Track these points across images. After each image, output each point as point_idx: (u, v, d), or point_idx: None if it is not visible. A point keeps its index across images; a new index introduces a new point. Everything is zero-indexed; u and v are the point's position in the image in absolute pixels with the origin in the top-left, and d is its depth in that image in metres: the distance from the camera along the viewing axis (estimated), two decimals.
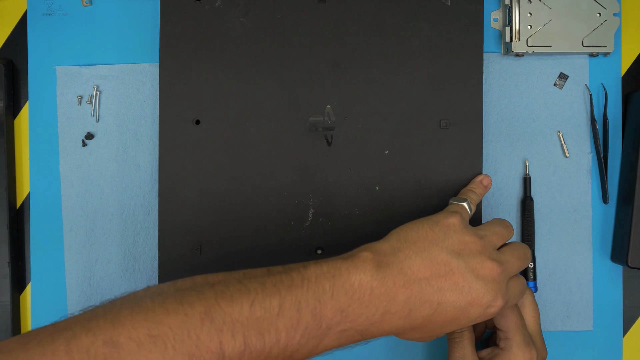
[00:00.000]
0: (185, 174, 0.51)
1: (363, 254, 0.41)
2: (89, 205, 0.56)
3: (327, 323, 0.39)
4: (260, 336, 0.37)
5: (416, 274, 0.40)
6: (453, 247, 0.42)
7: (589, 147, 0.55)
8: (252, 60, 0.52)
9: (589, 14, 0.54)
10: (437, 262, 0.41)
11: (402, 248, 0.42)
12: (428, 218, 0.44)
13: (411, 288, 0.40)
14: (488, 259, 0.42)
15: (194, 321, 0.36)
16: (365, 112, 0.52)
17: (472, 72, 0.52)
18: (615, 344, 0.55)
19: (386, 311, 0.40)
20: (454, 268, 0.41)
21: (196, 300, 0.37)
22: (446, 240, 0.42)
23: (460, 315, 0.41)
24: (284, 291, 0.38)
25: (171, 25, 0.52)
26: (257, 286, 0.38)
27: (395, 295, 0.40)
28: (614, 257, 0.55)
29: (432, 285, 0.41)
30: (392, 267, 0.40)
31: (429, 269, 0.41)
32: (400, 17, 0.52)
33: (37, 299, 0.56)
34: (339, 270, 0.40)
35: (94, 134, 0.56)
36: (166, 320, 0.36)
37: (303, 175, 0.52)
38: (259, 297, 0.38)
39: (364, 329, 0.40)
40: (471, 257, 0.42)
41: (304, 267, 0.40)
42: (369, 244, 0.43)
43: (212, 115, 0.52)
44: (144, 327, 0.35)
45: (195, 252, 0.51)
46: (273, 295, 0.38)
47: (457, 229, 0.43)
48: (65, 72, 0.56)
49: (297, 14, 0.52)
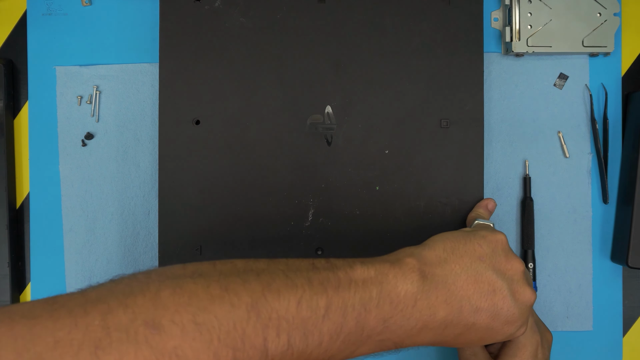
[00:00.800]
0: (185, 174, 0.51)
1: (409, 261, 0.39)
2: (89, 206, 0.56)
3: (369, 332, 0.37)
4: (304, 337, 0.35)
5: (459, 291, 0.39)
6: (500, 267, 0.41)
7: (589, 147, 0.55)
8: (252, 60, 0.52)
9: (589, 14, 0.54)
10: (482, 280, 0.40)
11: (449, 260, 0.40)
12: (472, 232, 0.43)
13: (452, 305, 0.39)
14: (528, 286, 0.42)
15: (241, 313, 0.34)
16: (365, 111, 0.52)
17: (473, 70, 0.52)
18: (615, 344, 0.55)
19: (425, 326, 0.39)
20: (497, 289, 0.40)
21: (242, 289, 0.35)
22: (494, 258, 0.41)
23: (488, 337, 0.41)
24: (331, 292, 0.36)
25: (171, 25, 0.52)
26: (304, 282, 0.36)
27: (437, 311, 0.39)
28: (614, 257, 0.55)
29: (472, 304, 0.39)
30: (437, 281, 0.39)
31: (472, 287, 0.40)
32: (400, 17, 0.52)
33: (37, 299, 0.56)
34: (386, 276, 0.38)
35: (94, 134, 0.56)
36: (212, 308, 0.33)
37: (303, 175, 0.52)
38: (306, 295, 0.36)
39: (400, 340, 0.39)
40: (514, 280, 0.41)
41: (351, 268, 0.38)
42: (411, 248, 0.41)
43: (212, 115, 0.52)
44: (189, 312, 0.33)
45: (195, 252, 0.51)
46: (320, 295, 0.36)
47: (504, 247, 0.42)
48: (65, 72, 0.56)
49: (297, 14, 0.52)
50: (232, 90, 0.52)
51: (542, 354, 0.47)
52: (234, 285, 0.35)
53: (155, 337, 0.31)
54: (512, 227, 0.56)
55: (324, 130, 0.52)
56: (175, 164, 0.52)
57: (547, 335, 0.49)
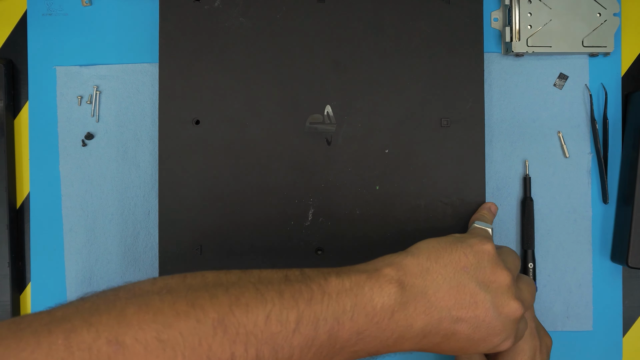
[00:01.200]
0: (185, 174, 0.51)
1: (387, 272, 0.39)
2: (89, 205, 0.56)
3: (342, 344, 0.37)
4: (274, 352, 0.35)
5: (439, 302, 0.39)
6: (484, 279, 0.40)
7: (589, 147, 0.55)
8: (252, 60, 0.52)
9: (589, 14, 0.54)
10: (464, 292, 0.39)
11: (431, 270, 0.39)
12: (461, 239, 0.42)
13: (431, 316, 0.38)
14: (513, 299, 0.40)
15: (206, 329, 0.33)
16: (365, 111, 0.52)
17: (473, 70, 0.52)
18: (615, 344, 0.55)
19: (401, 336, 0.38)
20: (479, 301, 0.39)
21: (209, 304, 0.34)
22: (478, 270, 0.40)
23: (469, 347, 0.40)
24: (303, 305, 0.36)
25: (171, 25, 0.52)
26: (274, 295, 0.36)
27: (414, 322, 0.38)
28: (614, 257, 0.55)
29: (452, 315, 0.39)
30: (416, 292, 0.38)
31: (453, 298, 0.39)
32: (399, 17, 0.52)
33: (37, 299, 0.56)
34: (361, 289, 0.37)
35: (94, 134, 0.56)
36: (176, 325, 0.33)
37: (303, 175, 0.52)
38: (275, 309, 0.35)
39: (375, 350, 0.38)
40: (499, 292, 0.40)
41: (325, 280, 0.38)
42: (393, 256, 0.41)
43: (211, 115, 0.52)
44: (152, 329, 0.33)
45: (195, 252, 0.51)
46: (291, 309, 0.36)
47: (491, 259, 0.41)
48: (65, 72, 0.56)
49: (297, 13, 0.52)
50: (232, 90, 0.52)
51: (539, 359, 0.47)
52: (201, 300, 0.35)
53: (118, 355, 0.32)
54: (512, 227, 0.56)
55: (324, 130, 0.52)
56: (175, 164, 0.52)
57: (547, 340, 0.49)
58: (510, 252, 0.45)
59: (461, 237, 0.42)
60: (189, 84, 0.52)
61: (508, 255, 0.45)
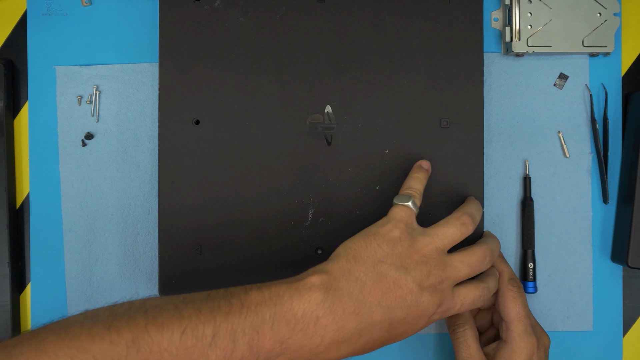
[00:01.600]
0: (185, 174, 0.51)
1: (310, 280, 0.39)
2: (89, 205, 0.56)
3: (265, 355, 0.37)
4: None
5: (367, 298, 0.39)
6: (401, 262, 0.41)
7: (589, 147, 0.55)
8: (252, 60, 0.52)
9: (589, 14, 0.54)
10: (387, 281, 0.40)
11: (352, 270, 0.40)
12: (374, 231, 0.43)
13: (361, 314, 0.39)
14: (433, 269, 0.42)
15: (119, 349, 0.34)
16: (365, 111, 0.52)
17: (473, 70, 0.52)
18: (615, 344, 0.55)
19: (333, 340, 0.38)
20: (403, 285, 0.40)
21: (125, 326, 0.35)
22: (393, 256, 0.41)
23: (409, 329, 0.41)
24: (220, 319, 0.36)
25: (171, 25, 0.52)
26: (192, 312, 0.37)
27: (346, 323, 0.39)
28: (614, 257, 0.55)
29: (383, 305, 0.40)
30: (342, 294, 0.39)
31: (378, 289, 0.40)
32: (399, 17, 0.52)
33: (37, 299, 0.56)
34: (281, 298, 0.38)
35: (94, 134, 0.56)
36: (90, 348, 0.34)
37: (303, 175, 0.52)
38: (191, 325, 0.36)
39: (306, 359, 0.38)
40: (417, 268, 0.41)
41: (245, 293, 0.38)
42: (318, 266, 0.41)
43: (211, 115, 0.52)
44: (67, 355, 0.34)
45: (195, 252, 0.51)
46: (207, 323, 0.36)
47: (403, 242, 0.42)
48: (65, 72, 0.56)
49: (297, 13, 0.52)
50: (232, 90, 0.52)
51: (538, 358, 0.47)
52: (117, 323, 0.36)
53: None
54: (512, 227, 0.56)
55: (324, 130, 0.52)
56: (175, 164, 0.52)
57: (544, 339, 0.49)
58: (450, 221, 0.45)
59: (374, 229, 0.43)
60: (189, 84, 0.52)
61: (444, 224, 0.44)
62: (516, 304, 0.47)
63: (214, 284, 0.51)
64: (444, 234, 0.44)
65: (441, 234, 0.44)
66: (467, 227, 0.45)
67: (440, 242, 0.43)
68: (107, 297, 0.55)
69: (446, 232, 0.44)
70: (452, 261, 0.43)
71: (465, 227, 0.45)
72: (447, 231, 0.44)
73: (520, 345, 0.46)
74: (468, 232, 0.45)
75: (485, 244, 0.46)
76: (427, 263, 0.42)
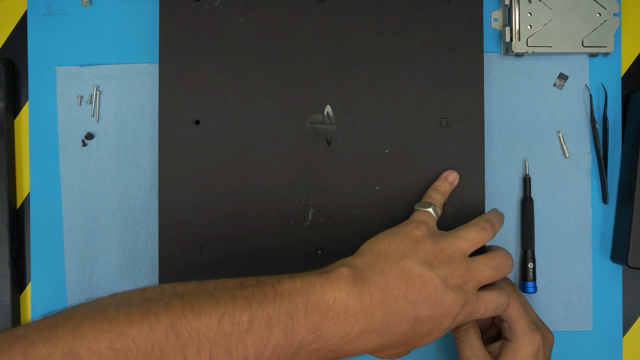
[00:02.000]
0: (185, 174, 0.51)
1: (339, 270, 0.40)
2: (89, 205, 0.56)
3: (299, 342, 0.37)
4: (228, 352, 0.36)
5: (392, 289, 0.40)
6: (425, 259, 0.42)
7: (589, 147, 0.55)
8: (252, 60, 0.52)
9: (589, 14, 0.54)
10: (411, 275, 0.41)
11: (377, 262, 0.41)
12: (397, 230, 0.44)
13: (388, 305, 0.40)
14: (457, 268, 0.42)
15: (159, 335, 0.35)
16: (365, 111, 0.52)
17: (473, 70, 0.52)
18: (615, 344, 0.55)
19: (363, 329, 0.39)
20: (427, 280, 0.41)
21: (163, 311, 0.35)
22: (417, 252, 0.42)
23: (434, 328, 0.42)
24: (255, 306, 0.37)
25: (171, 25, 0.52)
26: (227, 299, 0.37)
27: (373, 312, 0.39)
28: (614, 257, 0.55)
29: (408, 299, 0.40)
30: (369, 284, 0.40)
31: (404, 283, 0.41)
32: (399, 16, 0.52)
33: (37, 299, 0.56)
34: (313, 286, 0.39)
35: (94, 134, 0.56)
36: (130, 332, 0.34)
37: (303, 175, 0.52)
38: (228, 311, 0.36)
39: (337, 347, 0.39)
40: (442, 267, 0.42)
41: (278, 282, 0.39)
42: (344, 259, 0.42)
43: (211, 115, 0.52)
44: (106, 339, 0.34)
45: (195, 252, 0.51)
46: (243, 310, 0.37)
47: (426, 240, 0.43)
48: (65, 72, 0.56)
49: (297, 13, 0.52)
50: (232, 90, 0.52)
51: (543, 355, 0.47)
52: (155, 308, 0.36)
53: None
54: (512, 227, 0.56)
55: (324, 130, 0.52)
56: (175, 164, 0.52)
57: (549, 336, 0.49)
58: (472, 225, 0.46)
59: (397, 228, 0.44)
60: (189, 84, 0.52)
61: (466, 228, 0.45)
62: (514, 303, 0.48)
63: None
64: (465, 235, 0.45)
65: (463, 236, 0.44)
66: (487, 232, 0.45)
67: (463, 244, 0.44)
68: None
69: (467, 234, 0.45)
70: (475, 263, 0.44)
71: (485, 232, 0.45)
72: (469, 233, 0.45)
73: (525, 342, 0.47)
74: (488, 238, 0.46)
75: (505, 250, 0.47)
76: (450, 262, 0.43)
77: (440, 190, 0.50)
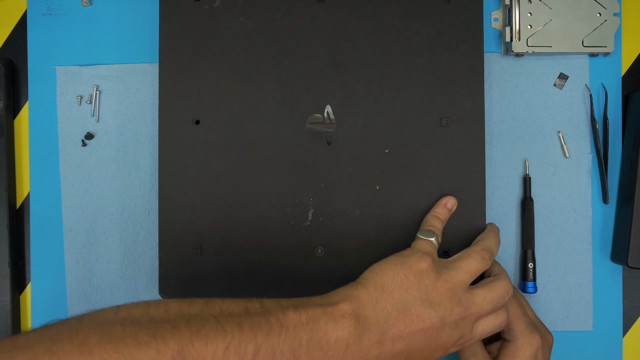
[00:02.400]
0: (185, 174, 0.51)
1: (343, 307, 0.40)
2: (89, 205, 0.56)
3: None
4: None
5: (391, 329, 0.41)
6: (427, 296, 0.42)
7: (589, 147, 0.55)
8: (252, 60, 0.52)
9: (589, 14, 0.54)
10: (411, 313, 0.41)
11: (380, 299, 0.41)
12: (402, 261, 0.44)
13: (384, 344, 0.40)
14: (457, 305, 0.43)
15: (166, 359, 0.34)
16: (365, 111, 0.52)
17: (473, 70, 0.52)
18: (615, 344, 0.55)
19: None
20: (426, 319, 0.41)
21: (170, 335, 0.35)
22: (420, 288, 0.42)
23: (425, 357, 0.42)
24: (261, 338, 0.37)
25: (171, 25, 0.52)
26: (234, 327, 0.37)
27: (369, 351, 0.40)
28: (614, 257, 0.55)
29: (404, 337, 0.41)
30: (370, 323, 0.40)
31: (402, 322, 0.41)
32: (399, 16, 0.52)
33: (37, 299, 0.56)
34: (317, 323, 0.39)
35: (94, 134, 0.56)
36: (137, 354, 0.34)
37: (303, 175, 0.52)
38: (235, 341, 0.36)
39: None
40: (442, 304, 0.42)
41: (283, 313, 0.39)
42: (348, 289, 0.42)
43: (211, 115, 0.52)
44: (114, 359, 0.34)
45: (195, 252, 0.51)
46: (249, 341, 0.37)
47: (429, 274, 0.43)
48: (65, 72, 0.56)
49: (297, 13, 0.52)
50: (232, 90, 0.52)
51: (542, 355, 0.47)
52: (162, 331, 0.36)
53: None
54: (512, 227, 0.56)
55: (324, 130, 0.52)
56: (175, 164, 0.52)
57: (548, 336, 0.49)
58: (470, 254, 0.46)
59: (401, 259, 0.44)
60: (189, 84, 0.52)
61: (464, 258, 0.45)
62: (511, 304, 0.48)
63: (214, 284, 0.51)
64: (467, 267, 0.45)
65: (465, 268, 0.45)
66: (486, 262, 0.46)
67: (464, 276, 0.44)
68: (107, 297, 0.55)
69: (469, 266, 0.45)
70: (475, 298, 0.44)
71: (485, 262, 0.46)
72: (470, 265, 0.45)
73: (524, 342, 0.47)
74: (487, 267, 0.46)
75: (505, 279, 0.47)
76: (451, 298, 0.43)
77: (440, 217, 0.50)
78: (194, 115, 0.52)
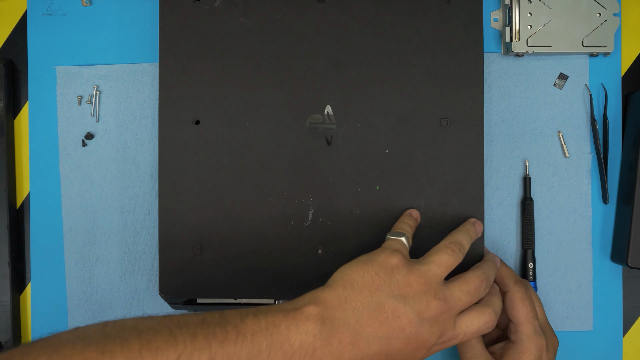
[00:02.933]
0: (185, 174, 0.51)
1: (307, 309, 0.39)
2: (89, 205, 0.56)
3: None
4: None
5: (364, 328, 0.39)
6: (399, 291, 0.41)
7: (589, 147, 0.55)
8: (252, 60, 0.52)
9: (589, 14, 0.54)
10: (385, 310, 0.40)
11: (349, 299, 0.40)
12: (371, 258, 0.42)
13: (358, 345, 0.39)
14: (433, 299, 0.41)
15: None
16: (365, 111, 0.52)
17: (473, 70, 0.52)
18: (615, 344, 0.55)
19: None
20: (401, 314, 0.40)
21: (119, 349, 0.34)
22: (392, 284, 0.41)
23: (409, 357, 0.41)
24: (215, 346, 0.36)
25: (171, 26, 0.52)
26: (187, 338, 0.36)
27: (342, 354, 0.38)
28: (614, 257, 0.55)
29: (380, 337, 0.39)
30: (338, 324, 0.39)
31: (376, 320, 0.39)
32: (399, 16, 0.52)
33: (37, 299, 0.56)
34: (277, 328, 0.37)
35: (94, 134, 0.56)
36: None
37: (303, 175, 0.52)
38: (187, 351, 0.35)
39: None
40: (417, 298, 0.41)
41: (241, 320, 0.38)
42: (315, 292, 0.41)
43: (211, 115, 0.52)
44: None
45: (195, 252, 0.51)
46: (202, 350, 0.35)
47: (400, 270, 0.42)
48: (65, 72, 0.56)
49: (297, 13, 0.52)
50: (232, 90, 0.52)
51: (546, 358, 0.47)
52: (111, 346, 0.35)
53: None
54: (512, 227, 0.56)
55: (324, 130, 0.52)
56: (175, 164, 0.52)
57: (553, 339, 0.49)
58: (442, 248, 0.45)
59: (370, 257, 0.43)
60: (189, 84, 0.52)
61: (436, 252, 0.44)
62: (524, 306, 0.47)
63: (214, 284, 0.51)
64: (438, 261, 0.43)
65: (436, 261, 0.43)
66: (457, 254, 0.44)
67: (437, 269, 0.43)
68: (107, 297, 0.55)
69: (440, 259, 0.44)
70: (452, 291, 0.43)
71: (455, 254, 0.44)
72: (442, 258, 0.44)
73: (528, 346, 0.46)
74: (459, 260, 0.45)
75: (479, 269, 0.46)
76: (426, 292, 0.41)
77: (408, 222, 0.49)
78: (194, 115, 0.52)
